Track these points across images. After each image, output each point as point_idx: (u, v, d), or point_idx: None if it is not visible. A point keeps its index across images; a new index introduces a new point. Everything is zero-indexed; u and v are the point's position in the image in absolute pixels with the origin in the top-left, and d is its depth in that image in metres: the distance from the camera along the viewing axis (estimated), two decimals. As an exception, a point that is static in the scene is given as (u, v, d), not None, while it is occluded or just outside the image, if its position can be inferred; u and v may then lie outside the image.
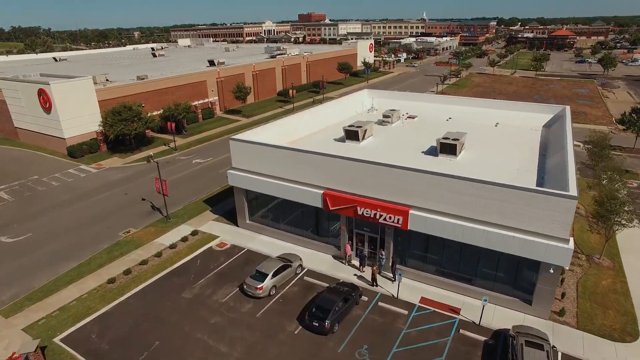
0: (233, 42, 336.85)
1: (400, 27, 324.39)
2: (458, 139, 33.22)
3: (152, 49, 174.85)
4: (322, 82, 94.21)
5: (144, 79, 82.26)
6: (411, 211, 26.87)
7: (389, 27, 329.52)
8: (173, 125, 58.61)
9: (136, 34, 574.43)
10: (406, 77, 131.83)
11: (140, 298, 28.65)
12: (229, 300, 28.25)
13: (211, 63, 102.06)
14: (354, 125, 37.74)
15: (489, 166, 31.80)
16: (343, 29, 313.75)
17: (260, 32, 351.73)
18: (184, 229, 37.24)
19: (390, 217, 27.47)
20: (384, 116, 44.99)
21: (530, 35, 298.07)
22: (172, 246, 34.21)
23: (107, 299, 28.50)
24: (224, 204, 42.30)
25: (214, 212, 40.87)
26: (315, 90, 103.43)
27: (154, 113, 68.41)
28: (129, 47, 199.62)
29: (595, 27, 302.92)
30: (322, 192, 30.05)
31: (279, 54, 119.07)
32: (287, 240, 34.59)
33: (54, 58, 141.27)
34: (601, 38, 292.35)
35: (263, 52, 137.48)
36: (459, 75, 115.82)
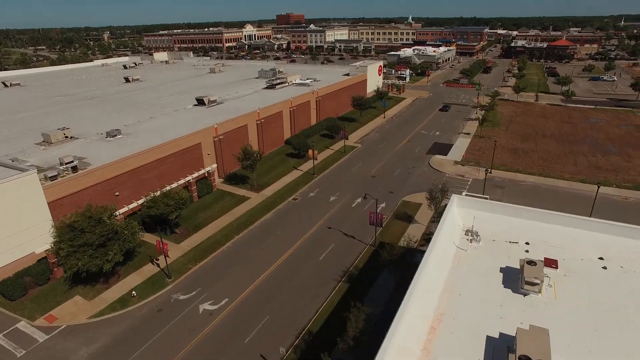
0: (212, 49, 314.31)
1: (390, 33, 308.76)
2: None
3: (125, 66, 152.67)
4: (344, 132, 76.18)
5: (115, 135, 63.20)
6: None
7: (378, 33, 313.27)
8: (165, 247, 39.47)
9: (105, 36, 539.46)
10: (424, 107, 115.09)
11: None
12: None
13: (200, 102, 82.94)
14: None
15: None
16: (330, 35, 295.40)
17: (241, 38, 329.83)
18: None
19: None
20: (528, 283, 27.50)
21: (524, 42, 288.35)
22: None
23: None
24: None
25: None
26: (329, 134, 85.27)
27: (133, 205, 49.14)
28: (97, 63, 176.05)
29: (587, 35, 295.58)
30: None
31: (279, 83, 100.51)
32: None
33: (4, 83, 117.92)
34: (594, 46, 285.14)
35: (257, 75, 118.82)
36: (487, 107, 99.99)
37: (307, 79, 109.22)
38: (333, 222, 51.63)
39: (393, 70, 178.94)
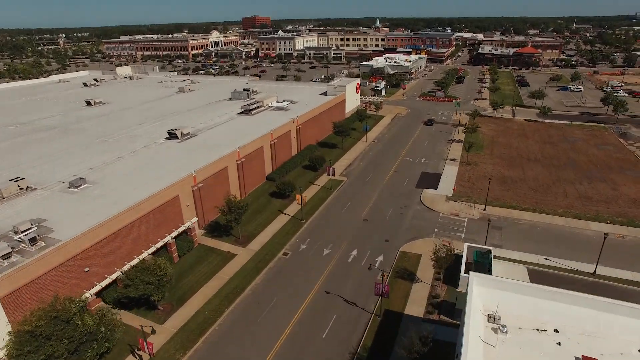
0: (177, 57, 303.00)
1: (359, 38, 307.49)
2: None
3: (85, 84, 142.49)
4: (329, 168, 72.08)
5: (79, 186, 56.98)
6: None
7: (347, 39, 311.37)
8: (151, 347, 34.14)
9: (61, 40, 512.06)
10: (404, 126, 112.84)
11: None
12: None
13: (172, 135, 76.96)
14: None
15: None
16: (299, 42, 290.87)
17: (207, 45, 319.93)
18: None
19: None
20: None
21: (491, 47, 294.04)
22: None
23: None
24: None
25: None
26: (310, 166, 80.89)
27: (107, 282, 43.38)
28: (54, 78, 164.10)
29: (549, 41, 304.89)
30: None
31: (255, 108, 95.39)
32: None
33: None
34: (556, 52, 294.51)
35: (229, 96, 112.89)
36: (470, 129, 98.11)
37: (284, 100, 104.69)
38: (331, 284, 47.54)
39: (367, 82, 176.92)
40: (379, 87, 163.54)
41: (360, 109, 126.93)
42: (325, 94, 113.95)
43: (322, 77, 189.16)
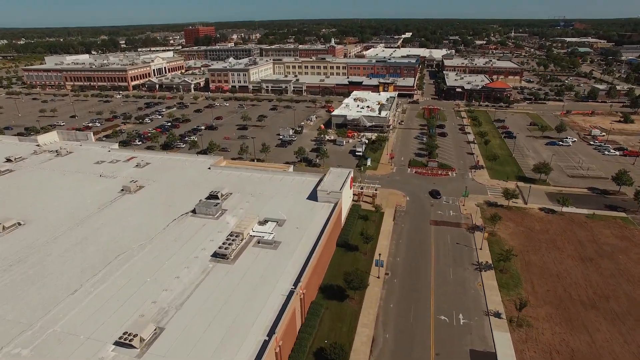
0: (114, 88, 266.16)
1: (319, 67, 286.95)
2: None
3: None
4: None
5: None
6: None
7: (306, 67, 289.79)
8: None
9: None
10: (413, 238, 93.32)
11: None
12: None
13: (125, 344, 52.08)
14: None
15: None
16: (254, 74, 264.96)
17: (149, 74, 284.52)
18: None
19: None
20: None
21: (454, 74, 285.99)
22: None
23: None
24: None
25: None
26: (324, 356, 58.84)
27: None
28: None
29: (510, 67, 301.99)
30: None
31: (233, 250, 71.49)
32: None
33: None
34: (517, 78, 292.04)
35: (192, 208, 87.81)
36: (501, 254, 79.33)
37: (266, 222, 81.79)
38: None
39: (344, 142, 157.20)
40: (360, 151, 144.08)
41: (354, 203, 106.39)
42: (314, 196, 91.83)
43: (291, 132, 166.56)
